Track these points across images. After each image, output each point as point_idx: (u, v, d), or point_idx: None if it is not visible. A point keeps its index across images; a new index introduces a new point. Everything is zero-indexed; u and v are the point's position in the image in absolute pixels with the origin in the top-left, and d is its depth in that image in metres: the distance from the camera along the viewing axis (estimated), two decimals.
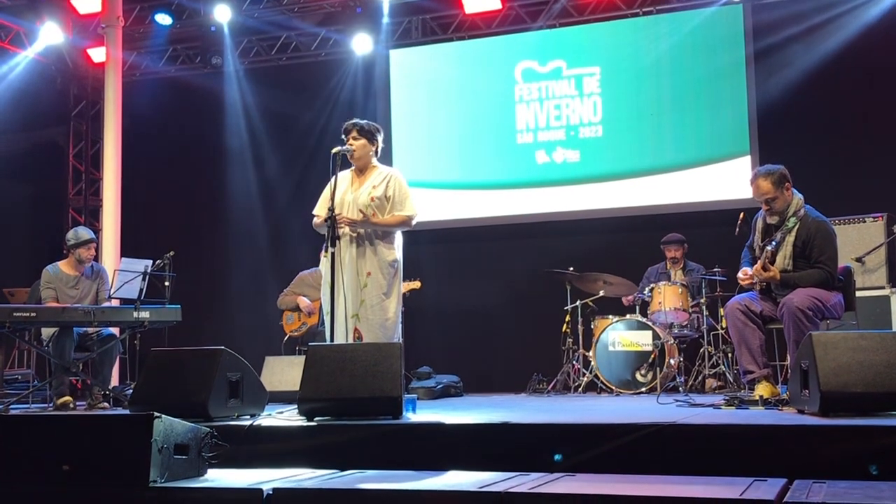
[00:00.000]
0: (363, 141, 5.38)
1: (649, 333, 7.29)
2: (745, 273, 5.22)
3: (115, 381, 7.85)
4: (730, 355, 7.08)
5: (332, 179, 5.19)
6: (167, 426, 3.32)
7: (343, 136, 5.42)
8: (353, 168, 5.46)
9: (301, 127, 9.96)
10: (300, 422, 4.32)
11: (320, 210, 5.36)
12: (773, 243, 5.09)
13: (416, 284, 7.57)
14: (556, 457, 3.01)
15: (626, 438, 3.61)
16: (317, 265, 7.83)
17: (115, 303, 7.14)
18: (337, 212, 5.10)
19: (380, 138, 5.48)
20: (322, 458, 3.86)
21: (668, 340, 7.31)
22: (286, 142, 10.12)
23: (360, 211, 5.25)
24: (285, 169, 10.02)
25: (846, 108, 8.22)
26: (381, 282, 5.21)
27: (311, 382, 4.40)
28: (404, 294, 5.98)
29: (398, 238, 5.39)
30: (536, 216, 9.27)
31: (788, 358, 5.12)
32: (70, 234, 7.10)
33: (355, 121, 5.45)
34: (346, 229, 5.22)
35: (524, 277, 8.99)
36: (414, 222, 5.38)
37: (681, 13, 9.03)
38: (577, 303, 7.80)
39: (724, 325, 7.09)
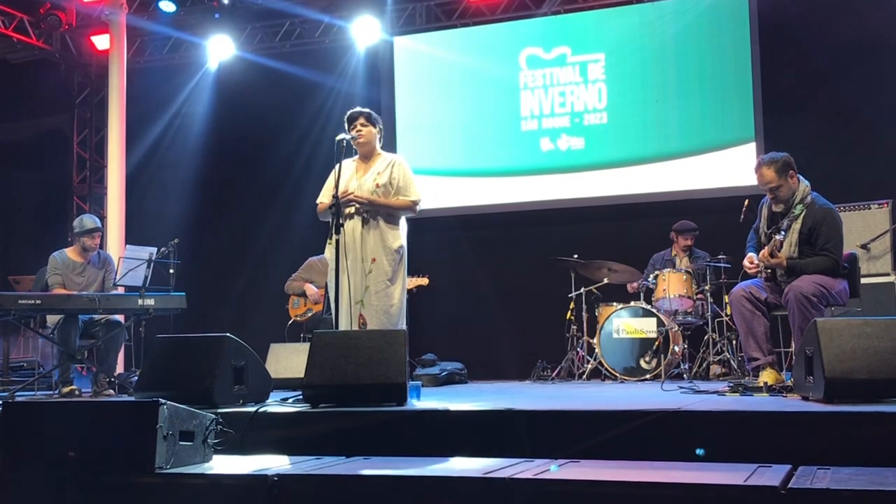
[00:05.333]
0: (371, 128, 5.38)
1: (654, 321, 7.29)
2: (750, 260, 5.21)
3: (120, 368, 7.88)
4: (734, 342, 7.08)
5: (336, 167, 5.19)
6: (172, 413, 3.33)
7: (347, 124, 5.41)
8: (356, 156, 5.45)
9: (305, 114, 9.95)
10: (305, 408, 4.33)
11: (324, 197, 5.37)
12: (783, 233, 5.06)
13: (424, 281, 7.50)
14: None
15: (630, 425, 3.61)
16: (324, 252, 7.83)
17: (120, 290, 7.16)
18: (342, 198, 5.11)
19: (381, 127, 5.50)
20: (327, 444, 3.87)
21: (673, 327, 7.31)
22: (290, 129, 10.11)
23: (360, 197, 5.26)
24: (289, 156, 10.01)
25: (852, 94, 8.18)
26: (386, 268, 5.21)
27: (315, 369, 4.41)
28: (411, 290, 5.96)
29: (403, 225, 5.39)
30: (541, 203, 9.26)
31: (793, 345, 5.11)
32: (76, 223, 7.13)
33: (361, 109, 5.45)
34: (353, 211, 5.22)
35: (528, 265, 8.98)
36: (418, 208, 5.39)
37: None
38: (582, 290, 7.80)
39: (728, 312, 7.09)
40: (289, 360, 6.37)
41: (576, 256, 7.80)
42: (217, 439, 3.56)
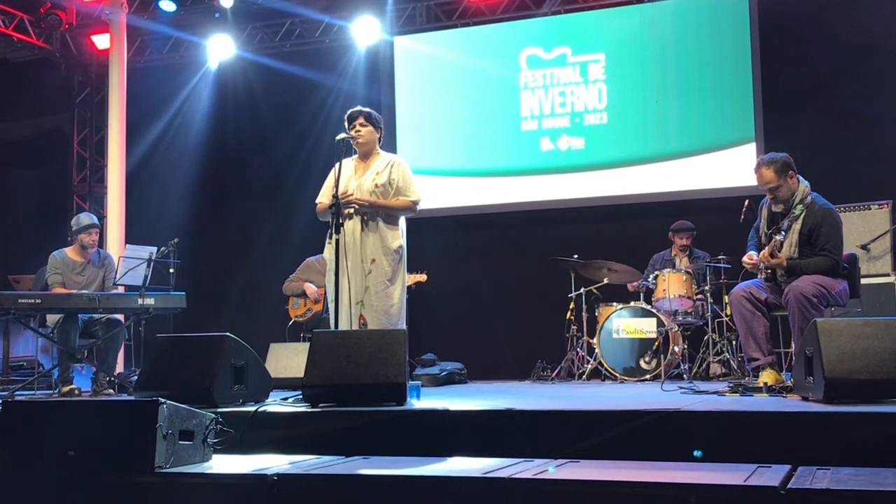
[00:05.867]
0: (370, 128, 5.38)
1: (653, 321, 7.29)
2: (750, 257, 5.21)
3: (119, 367, 7.87)
4: (734, 342, 7.08)
5: (336, 167, 5.19)
6: (172, 412, 3.33)
7: (347, 123, 5.41)
8: (355, 156, 5.45)
9: (305, 113, 9.95)
10: (304, 408, 4.33)
11: (323, 197, 5.36)
12: (783, 233, 5.06)
13: (423, 277, 7.54)
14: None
15: (630, 425, 3.61)
16: (323, 251, 7.82)
17: (120, 289, 7.16)
18: (342, 199, 5.11)
19: (381, 127, 5.50)
20: (326, 444, 3.87)
21: (673, 328, 7.31)
22: (290, 128, 10.11)
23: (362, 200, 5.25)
24: (290, 156, 10.02)
25: (852, 94, 8.17)
26: (386, 268, 5.21)
27: (315, 369, 4.41)
28: (410, 287, 5.98)
29: (402, 224, 5.39)
30: (541, 203, 9.26)
31: (793, 345, 5.11)
32: (73, 221, 7.16)
33: (361, 108, 5.45)
34: (352, 210, 5.22)
35: (528, 265, 8.98)
36: (418, 208, 5.40)
37: None
38: (582, 290, 7.80)
39: (728, 313, 7.08)
40: (288, 359, 6.38)
41: (576, 256, 7.80)
42: (217, 439, 3.56)
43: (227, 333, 4.73)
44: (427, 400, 4.91)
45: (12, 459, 3.43)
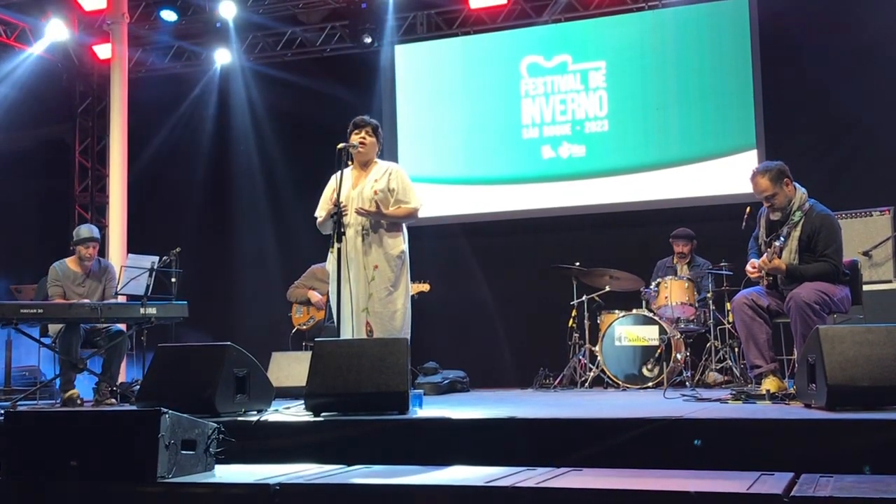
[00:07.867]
0: (374, 139, 5.40)
1: (655, 328, 7.28)
2: (752, 265, 5.21)
3: (122, 376, 7.87)
4: (736, 350, 7.07)
5: (335, 177, 5.20)
6: (174, 422, 3.33)
7: (354, 130, 5.40)
8: (352, 166, 5.46)
9: (306, 122, 9.97)
10: (307, 417, 4.33)
11: (322, 210, 5.36)
12: (781, 239, 5.07)
13: (425, 287, 7.53)
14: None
15: (632, 433, 3.60)
16: (326, 259, 7.82)
17: (121, 299, 7.16)
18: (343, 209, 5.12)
19: (382, 141, 5.52)
20: (329, 453, 3.87)
21: (675, 335, 7.30)
22: (291, 137, 10.13)
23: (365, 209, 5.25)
24: (291, 164, 10.03)
25: (852, 100, 8.18)
26: (389, 274, 5.21)
27: (317, 378, 4.41)
28: (412, 296, 6.00)
29: (404, 230, 5.40)
30: (542, 211, 9.27)
31: (795, 352, 5.11)
32: (74, 232, 7.16)
33: (368, 118, 5.46)
34: (353, 219, 5.22)
35: (530, 272, 8.98)
36: (420, 214, 5.40)
37: (686, 7, 9.00)
38: (584, 297, 7.79)
39: (730, 320, 7.07)
40: (290, 368, 6.38)
41: (577, 264, 7.79)
42: (219, 448, 3.56)
43: (229, 343, 4.73)
44: (429, 408, 4.90)
45: (15, 469, 3.43)
